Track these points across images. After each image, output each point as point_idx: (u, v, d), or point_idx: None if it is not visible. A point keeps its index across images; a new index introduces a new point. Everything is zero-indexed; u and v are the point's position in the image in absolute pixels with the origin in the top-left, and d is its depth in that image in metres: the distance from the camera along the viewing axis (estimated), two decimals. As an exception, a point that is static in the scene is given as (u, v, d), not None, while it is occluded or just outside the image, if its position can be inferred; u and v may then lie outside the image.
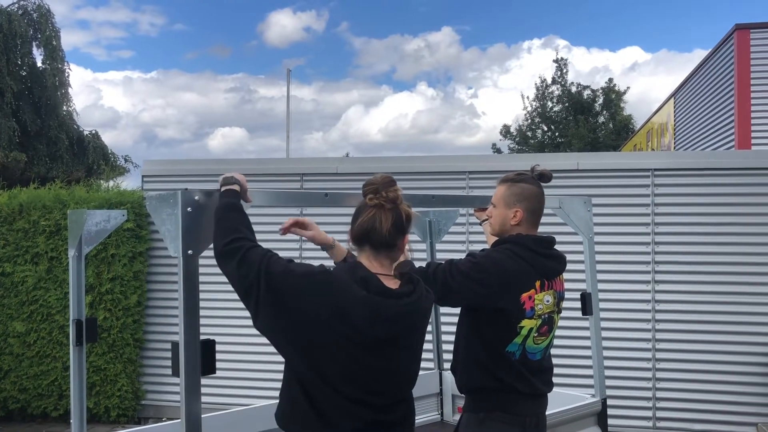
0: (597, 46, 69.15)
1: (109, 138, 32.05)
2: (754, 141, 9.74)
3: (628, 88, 29.06)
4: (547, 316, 2.57)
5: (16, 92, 18.10)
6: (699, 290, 5.82)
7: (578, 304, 3.44)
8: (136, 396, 6.60)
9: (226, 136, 68.06)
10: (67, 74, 19.94)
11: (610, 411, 3.50)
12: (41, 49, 19.35)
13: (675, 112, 14.53)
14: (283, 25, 74.53)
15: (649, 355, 5.88)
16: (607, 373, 4.02)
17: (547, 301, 2.57)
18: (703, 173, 5.90)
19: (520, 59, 55.89)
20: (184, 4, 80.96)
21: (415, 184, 6.19)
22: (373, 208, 1.94)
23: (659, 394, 5.85)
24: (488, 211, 2.75)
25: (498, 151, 30.57)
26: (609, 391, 3.69)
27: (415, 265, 2.29)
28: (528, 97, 30.08)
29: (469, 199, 4.29)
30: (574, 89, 28.84)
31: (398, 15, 71.83)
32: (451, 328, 2.82)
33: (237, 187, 2.09)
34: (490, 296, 2.46)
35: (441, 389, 4.32)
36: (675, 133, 14.50)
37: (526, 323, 2.51)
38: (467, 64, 65.15)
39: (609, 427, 3.48)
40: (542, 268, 2.56)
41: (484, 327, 2.53)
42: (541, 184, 2.66)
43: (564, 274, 2.71)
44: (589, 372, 3.63)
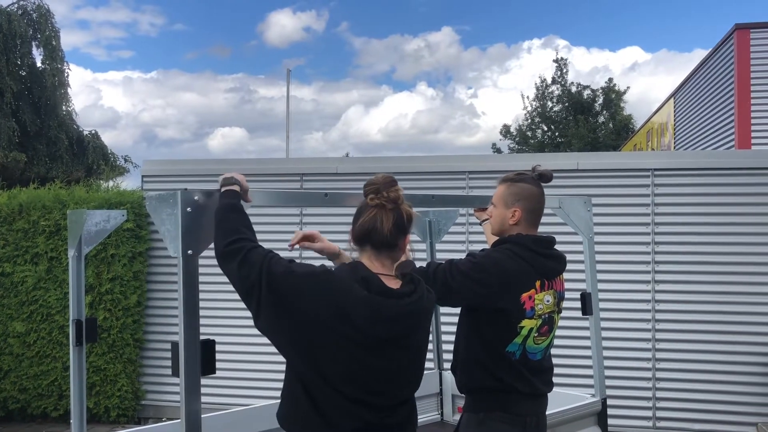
0: (597, 46, 69.24)
1: (108, 138, 32.09)
2: (754, 141, 9.74)
3: (628, 88, 29.14)
4: (547, 316, 2.57)
5: (16, 92, 18.11)
6: (699, 290, 5.82)
7: (578, 304, 3.44)
8: (136, 396, 6.60)
9: (226, 136, 68.12)
10: (67, 74, 19.97)
11: (610, 411, 3.50)
12: (41, 49, 19.37)
13: (675, 112, 14.53)
14: (283, 25, 74.60)
15: (649, 355, 5.88)
16: (607, 373, 4.02)
17: (548, 301, 2.57)
18: (703, 173, 5.89)
19: (520, 59, 55.94)
20: (184, 4, 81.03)
21: (415, 184, 6.19)
22: (374, 208, 1.94)
23: (659, 394, 5.85)
24: (488, 210, 2.76)
25: (498, 151, 30.58)
26: (609, 391, 3.69)
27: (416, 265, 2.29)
28: (528, 97, 30.15)
29: (469, 199, 4.29)
30: (574, 89, 28.86)
31: (398, 15, 71.92)
32: (451, 328, 2.82)
33: (237, 188, 2.10)
34: (490, 296, 2.46)
35: (441, 389, 4.32)
36: (675, 133, 14.50)
37: (527, 323, 2.51)
38: (467, 64, 65.22)
39: (609, 427, 3.48)
40: (542, 268, 2.57)
41: (484, 327, 2.53)
42: (541, 184, 2.66)
43: (564, 274, 2.71)
44: (589, 372, 3.63)
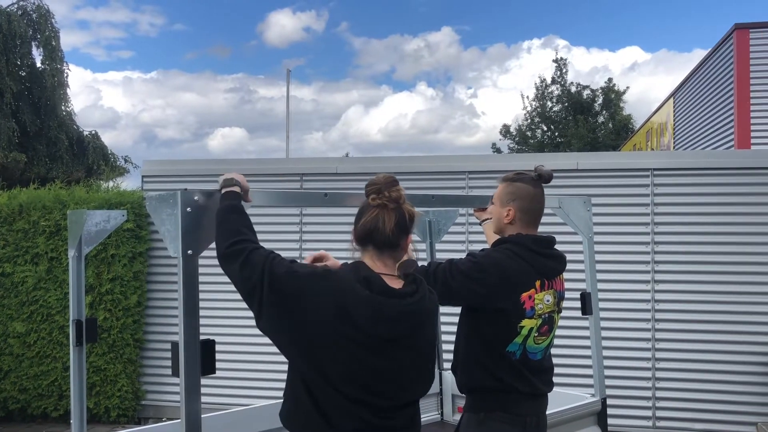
0: (597, 46, 69.29)
1: (108, 138, 32.17)
2: (753, 141, 9.74)
3: (628, 87, 29.17)
4: (547, 315, 2.58)
5: (16, 93, 18.10)
6: (699, 290, 5.82)
7: (578, 304, 3.44)
8: (136, 396, 6.60)
9: (226, 137, 68.17)
10: (66, 74, 19.96)
11: (610, 411, 3.50)
12: (41, 50, 19.34)
13: (674, 111, 14.53)
14: (283, 25, 74.61)
15: (648, 355, 5.88)
16: (607, 373, 4.02)
17: (547, 301, 2.57)
18: (703, 173, 5.90)
19: (519, 59, 56.00)
20: (184, 4, 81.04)
21: (415, 184, 6.19)
22: (376, 208, 1.94)
23: (659, 394, 5.85)
24: (488, 209, 2.78)
25: (498, 151, 30.60)
26: (609, 391, 3.69)
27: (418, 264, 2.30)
28: (528, 97, 30.19)
29: (468, 199, 4.29)
30: (573, 89, 28.89)
31: (398, 15, 71.94)
32: (451, 328, 2.82)
33: (237, 189, 2.10)
34: (490, 296, 2.46)
35: (441, 389, 4.32)
36: (674, 133, 14.50)
37: (527, 323, 2.51)
38: (467, 64, 65.26)
39: (609, 427, 3.48)
40: (542, 268, 2.57)
41: (484, 327, 2.53)
42: (541, 184, 2.66)
43: (564, 274, 2.71)
44: (589, 372, 3.63)
